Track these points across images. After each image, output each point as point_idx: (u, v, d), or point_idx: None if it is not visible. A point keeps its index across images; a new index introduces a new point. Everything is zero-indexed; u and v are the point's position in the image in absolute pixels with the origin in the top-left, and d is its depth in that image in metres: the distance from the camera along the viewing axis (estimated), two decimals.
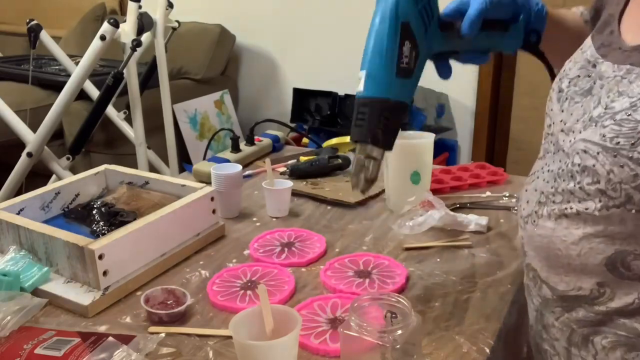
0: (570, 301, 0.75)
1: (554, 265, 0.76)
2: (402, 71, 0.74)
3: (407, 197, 1.14)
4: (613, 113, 0.66)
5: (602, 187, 0.67)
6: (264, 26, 3.13)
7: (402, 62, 0.74)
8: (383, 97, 0.74)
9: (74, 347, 0.75)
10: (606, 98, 0.69)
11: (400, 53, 0.73)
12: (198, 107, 2.93)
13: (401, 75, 0.74)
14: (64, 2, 3.66)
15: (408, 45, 0.74)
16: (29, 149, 2.05)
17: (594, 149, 0.67)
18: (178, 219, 1.01)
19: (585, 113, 0.72)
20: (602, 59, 0.73)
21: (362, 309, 0.72)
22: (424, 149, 1.18)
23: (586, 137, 0.69)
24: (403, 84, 0.75)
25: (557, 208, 0.73)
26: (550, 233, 0.74)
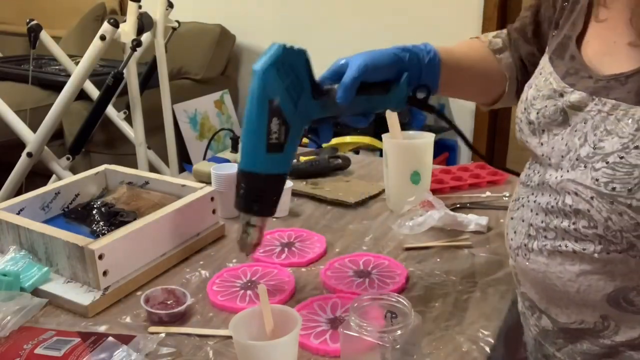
0: (573, 333, 0.72)
1: (553, 298, 0.73)
2: (272, 147, 0.76)
3: (407, 197, 1.14)
4: (604, 155, 0.63)
5: (600, 232, 0.64)
6: (264, 26, 3.13)
7: (272, 139, 0.76)
8: (255, 172, 0.77)
9: (74, 347, 0.75)
10: (593, 136, 0.65)
11: (269, 130, 0.75)
12: (198, 107, 2.93)
13: (272, 151, 0.76)
14: (64, 2, 3.66)
15: (276, 122, 0.75)
16: (29, 149, 2.05)
17: (586, 192, 0.64)
18: (178, 219, 1.01)
19: (570, 150, 0.69)
20: (571, 88, 0.70)
21: (362, 309, 0.72)
22: (424, 149, 1.18)
23: (576, 179, 0.66)
24: (274, 159, 0.77)
25: (549, 244, 0.71)
26: (545, 268, 0.72)
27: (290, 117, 0.76)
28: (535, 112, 0.74)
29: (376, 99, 0.82)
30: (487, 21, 2.56)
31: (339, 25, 2.91)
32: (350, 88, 0.77)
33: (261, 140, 0.76)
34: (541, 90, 0.74)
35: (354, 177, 1.39)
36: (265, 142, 0.76)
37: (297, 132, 0.79)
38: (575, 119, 0.69)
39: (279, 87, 0.75)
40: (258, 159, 0.77)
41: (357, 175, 1.40)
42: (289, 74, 0.76)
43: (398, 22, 2.75)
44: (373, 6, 2.80)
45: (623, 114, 0.62)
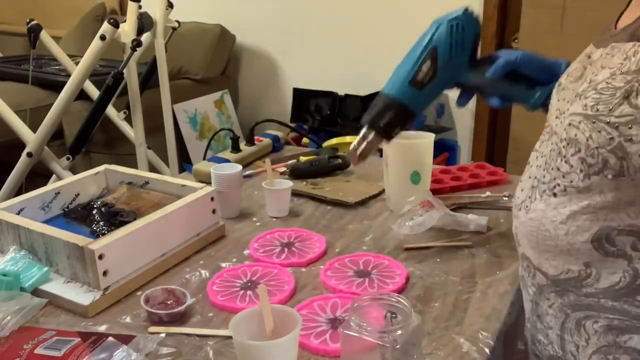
0: (561, 285, 0.77)
1: (543, 250, 0.78)
2: (415, 82, 0.90)
3: (407, 197, 1.15)
4: (595, 84, 0.70)
5: (582, 155, 0.70)
6: (264, 26, 3.13)
7: (418, 75, 0.90)
8: (392, 96, 0.91)
9: (74, 347, 0.75)
10: (591, 74, 0.73)
11: (420, 67, 0.90)
12: (198, 107, 2.92)
13: (413, 85, 0.90)
14: (64, 2, 3.66)
15: (428, 64, 0.90)
16: (29, 149, 2.05)
17: (577, 119, 0.71)
18: (178, 219, 1.01)
19: (573, 92, 0.76)
20: (596, 48, 0.77)
21: (362, 309, 0.72)
22: (424, 149, 1.19)
23: (572, 111, 0.72)
24: (413, 92, 0.90)
25: (546, 187, 0.76)
26: (541, 215, 0.77)
27: (442, 67, 0.90)
28: (566, 76, 0.82)
29: (518, 89, 0.92)
30: (487, 21, 2.56)
31: (339, 25, 2.91)
32: (501, 67, 0.90)
33: (410, 72, 0.90)
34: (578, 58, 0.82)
35: (354, 177, 1.39)
36: (412, 76, 0.90)
37: (440, 83, 0.92)
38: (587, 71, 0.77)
39: (445, 40, 0.90)
40: (400, 86, 0.91)
41: (357, 175, 1.40)
42: (458, 32, 0.90)
43: (397, 22, 2.75)
44: (372, 6, 2.80)
45: (617, 51, 0.70)
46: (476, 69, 0.93)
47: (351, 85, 2.75)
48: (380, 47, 2.80)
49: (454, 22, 0.90)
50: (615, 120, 0.66)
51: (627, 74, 0.66)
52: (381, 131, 0.92)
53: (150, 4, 2.23)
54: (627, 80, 0.66)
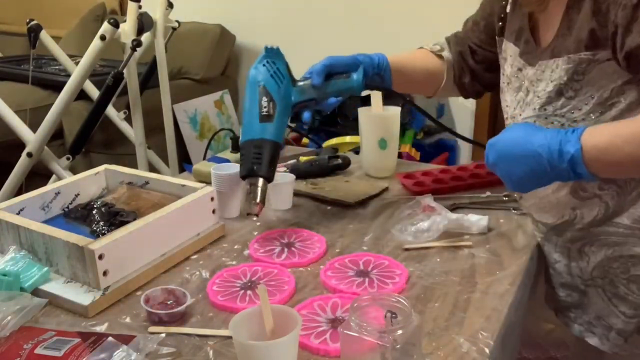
0: (559, 229, 1.05)
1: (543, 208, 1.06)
2: (264, 117, 1.04)
3: (377, 162, 1.39)
4: (538, 93, 0.98)
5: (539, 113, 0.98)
6: (264, 26, 3.13)
7: (263, 112, 1.04)
8: (251, 139, 1.04)
9: (74, 347, 0.75)
10: (532, 87, 1.00)
11: (260, 105, 1.04)
12: (198, 107, 2.93)
13: (263, 121, 1.04)
14: (64, 2, 3.66)
15: (265, 99, 1.04)
16: (29, 149, 2.05)
17: (531, 120, 0.99)
18: (178, 219, 1.01)
19: (519, 102, 1.04)
20: (527, 65, 1.01)
21: (362, 309, 0.72)
22: (390, 120, 1.37)
23: (525, 116, 1.01)
24: (266, 127, 1.04)
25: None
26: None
27: (276, 96, 1.05)
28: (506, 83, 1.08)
29: (340, 82, 1.10)
30: None
31: (339, 25, 2.91)
32: (319, 72, 1.08)
33: (254, 113, 1.04)
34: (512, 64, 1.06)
35: (354, 177, 1.39)
36: (258, 114, 1.04)
37: (283, 109, 1.06)
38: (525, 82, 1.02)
39: (265, 75, 1.05)
40: (253, 127, 1.04)
41: (357, 175, 1.40)
42: (272, 66, 1.06)
43: (396, 23, 2.75)
44: (371, 6, 2.80)
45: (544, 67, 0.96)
46: (300, 86, 1.09)
47: None
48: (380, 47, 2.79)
49: (263, 60, 1.06)
50: (561, 111, 0.94)
51: (557, 80, 0.94)
52: (265, 172, 1.03)
53: (150, 4, 2.23)
54: (556, 84, 0.94)
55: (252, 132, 1.03)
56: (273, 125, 1.03)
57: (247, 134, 1.04)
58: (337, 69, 1.10)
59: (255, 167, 1.02)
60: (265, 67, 1.05)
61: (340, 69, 1.10)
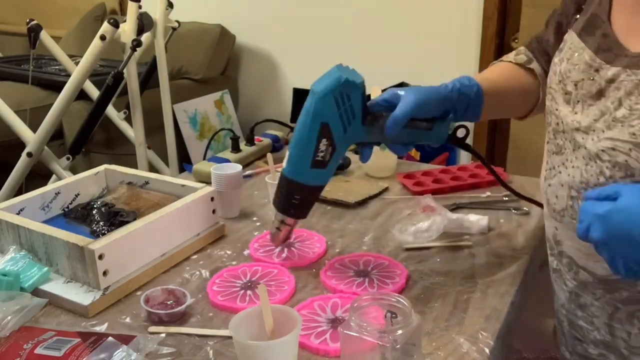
0: (612, 284, 0.80)
1: (593, 253, 0.76)
2: (317, 163, 0.86)
3: (377, 161, 1.33)
4: (634, 110, 0.73)
5: (637, 178, 0.73)
6: (264, 26, 3.13)
7: (318, 156, 0.86)
8: (297, 182, 0.88)
9: (74, 347, 0.75)
10: (628, 100, 0.74)
11: (317, 148, 0.85)
12: (198, 107, 2.92)
13: (315, 167, 0.87)
14: (64, 2, 3.66)
15: (325, 142, 0.85)
16: (29, 149, 2.05)
17: (624, 146, 0.73)
18: (178, 219, 1.01)
19: (604, 114, 0.77)
20: (608, 65, 0.77)
21: (362, 309, 0.72)
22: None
23: (613, 136, 0.75)
24: (316, 173, 0.88)
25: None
26: None
27: (338, 140, 0.86)
28: (573, 85, 0.82)
29: (419, 133, 0.89)
30: (487, 21, 2.56)
31: (339, 25, 2.90)
32: (399, 122, 0.85)
33: (308, 156, 0.86)
34: (576, 64, 0.82)
35: (354, 177, 1.39)
36: (312, 159, 0.86)
37: (342, 153, 0.88)
38: (609, 90, 0.77)
39: (333, 113, 0.84)
40: (302, 171, 0.87)
41: (357, 175, 1.40)
42: (345, 102, 0.84)
43: (397, 22, 2.75)
44: (372, 6, 2.80)
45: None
46: (371, 125, 0.87)
47: None
48: (380, 47, 2.80)
49: (336, 93, 0.83)
50: None
51: None
52: (296, 214, 0.93)
53: (150, 4, 2.23)
54: None
55: (299, 175, 0.88)
56: (325, 171, 0.88)
57: (293, 173, 0.88)
58: (420, 114, 0.87)
59: (291, 208, 0.91)
60: (336, 104, 0.84)
61: (424, 114, 0.87)
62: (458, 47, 2.64)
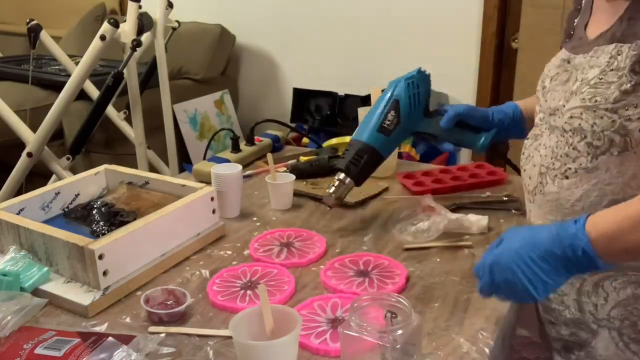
0: None
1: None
2: (382, 129, 1.08)
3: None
4: (587, 81, 0.84)
5: (588, 139, 0.83)
6: (264, 26, 3.13)
7: (385, 123, 1.08)
8: (364, 141, 1.08)
9: (74, 347, 0.75)
10: (581, 74, 0.87)
11: (385, 116, 1.08)
12: (198, 107, 2.92)
13: (380, 132, 1.08)
14: (64, 2, 3.65)
15: (393, 114, 1.08)
16: (29, 149, 2.05)
17: (577, 111, 0.84)
18: (178, 219, 1.01)
19: (566, 92, 0.89)
20: (576, 56, 0.90)
21: (362, 309, 0.72)
22: None
23: (570, 107, 0.86)
24: (382, 138, 1.08)
25: (558, 172, 0.88)
26: (557, 197, 0.88)
27: (404, 115, 1.08)
28: (549, 79, 0.95)
29: (467, 135, 1.12)
30: (487, 21, 2.56)
31: (339, 25, 2.90)
32: (452, 117, 1.10)
33: (377, 121, 1.08)
34: (554, 63, 0.95)
35: None
36: (379, 124, 1.08)
37: (403, 130, 1.10)
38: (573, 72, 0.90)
39: (405, 94, 1.08)
40: (369, 133, 1.08)
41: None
42: (414, 88, 1.09)
43: (397, 23, 2.75)
44: (372, 7, 2.80)
45: (600, 53, 0.84)
46: (430, 118, 1.11)
47: (351, 85, 2.75)
48: (380, 47, 2.80)
49: (410, 80, 1.08)
50: (613, 106, 0.80)
51: (617, 70, 0.81)
52: (355, 176, 1.08)
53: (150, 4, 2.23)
54: (618, 76, 0.80)
55: (365, 135, 1.08)
56: (387, 139, 1.08)
57: (361, 133, 1.09)
58: (470, 120, 1.11)
59: (351, 167, 1.08)
60: (408, 86, 1.08)
61: (473, 122, 1.11)
62: (458, 47, 2.64)
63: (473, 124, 1.11)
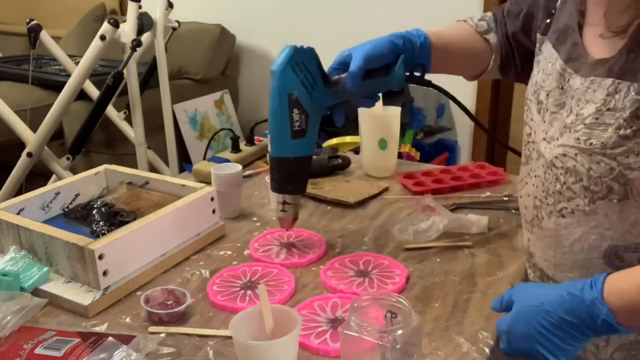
0: None
1: (560, 263, 0.84)
2: (296, 133, 0.92)
3: (377, 162, 1.38)
4: (583, 118, 0.76)
5: (585, 183, 0.77)
6: (264, 26, 3.13)
7: (294, 127, 0.92)
8: (284, 157, 0.94)
9: (74, 347, 0.75)
10: (576, 107, 0.78)
11: (291, 119, 0.91)
12: (198, 107, 2.93)
13: (295, 137, 0.92)
14: (64, 2, 3.66)
15: (297, 112, 0.91)
16: (29, 149, 2.05)
17: (571, 151, 0.77)
18: (178, 219, 1.01)
19: (561, 123, 0.81)
20: (575, 74, 0.81)
21: (362, 309, 0.72)
22: (390, 119, 1.36)
23: (563, 143, 0.79)
24: (299, 143, 0.93)
25: (552, 209, 0.82)
26: (555, 233, 0.83)
27: (308, 106, 0.92)
28: (545, 94, 0.85)
29: (379, 81, 0.96)
30: None
31: (338, 26, 2.90)
32: (356, 75, 0.92)
33: (286, 129, 0.91)
34: (550, 73, 0.85)
35: (354, 177, 1.39)
36: (290, 131, 0.91)
37: (316, 118, 0.94)
38: (568, 98, 0.81)
39: (295, 82, 0.90)
40: (285, 145, 0.93)
41: (357, 175, 1.40)
42: (302, 69, 0.91)
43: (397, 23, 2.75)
44: (372, 6, 2.80)
45: (598, 86, 0.76)
46: (333, 88, 0.94)
47: None
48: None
49: (292, 62, 0.90)
50: (611, 152, 0.73)
51: (614, 111, 0.73)
52: (295, 190, 0.97)
53: (150, 4, 2.24)
54: (615, 117, 0.72)
55: (284, 150, 0.93)
56: (305, 140, 0.94)
57: (278, 150, 0.94)
58: (374, 64, 0.94)
59: (289, 186, 0.96)
60: (295, 72, 0.90)
61: (377, 64, 0.94)
62: None
63: (378, 65, 0.95)
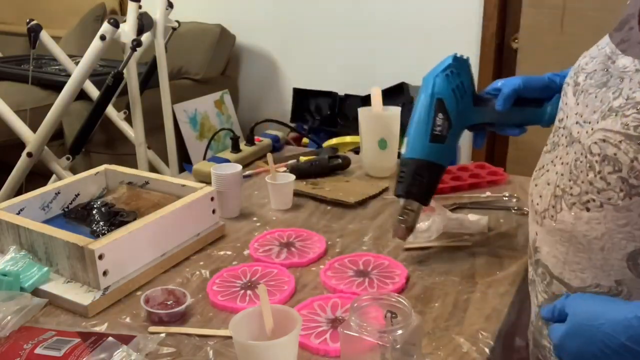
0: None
1: (571, 262, 0.75)
2: (435, 137, 0.92)
3: (377, 162, 1.38)
4: (635, 103, 0.67)
5: (624, 174, 0.67)
6: (264, 26, 3.13)
7: (436, 130, 0.92)
8: (418, 158, 0.92)
9: (74, 347, 0.75)
10: (628, 90, 0.69)
11: (434, 123, 0.92)
12: (198, 107, 2.92)
13: (434, 141, 0.92)
14: (64, 2, 3.65)
15: (441, 117, 0.92)
16: (29, 149, 2.05)
17: (615, 137, 0.68)
18: (178, 219, 1.01)
19: (603, 104, 0.72)
20: (622, 54, 0.73)
21: (362, 309, 0.72)
22: (390, 120, 1.37)
23: (606, 127, 0.69)
24: (436, 148, 0.92)
25: (576, 200, 0.73)
26: (572, 228, 0.74)
27: (453, 114, 0.93)
28: (584, 76, 0.79)
29: (530, 111, 0.96)
30: (487, 21, 2.56)
31: (339, 25, 2.90)
32: (508, 97, 0.92)
33: (427, 131, 0.92)
34: (595, 57, 0.79)
35: (354, 177, 1.39)
36: (430, 133, 0.92)
37: (458, 131, 0.95)
38: (614, 79, 0.73)
39: (446, 88, 0.92)
40: (422, 146, 0.92)
41: (357, 175, 1.40)
42: (456, 78, 0.93)
43: (397, 23, 2.75)
44: (372, 6, 2.80)
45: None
46: (481, 106, 0.96)
47: (351, 85, 2.75)
48: (380, 47, 2.80)
49: (447, 70, 0.92)
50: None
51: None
52: (421, 197, 0.94)
53: (150, 4, 2.23)
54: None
55: (419, 151, 0.92)
56: (444, 147, 0.93)
57: (413, 151, 0.93)
58: (528, 93, 0.94)
59: (414, 190, 0.93)
60: (448, 79, 0.92)
61: (532, 94, 0.94)
62: (458, 47, 2.63)
63: (532, 96, 0.95)
